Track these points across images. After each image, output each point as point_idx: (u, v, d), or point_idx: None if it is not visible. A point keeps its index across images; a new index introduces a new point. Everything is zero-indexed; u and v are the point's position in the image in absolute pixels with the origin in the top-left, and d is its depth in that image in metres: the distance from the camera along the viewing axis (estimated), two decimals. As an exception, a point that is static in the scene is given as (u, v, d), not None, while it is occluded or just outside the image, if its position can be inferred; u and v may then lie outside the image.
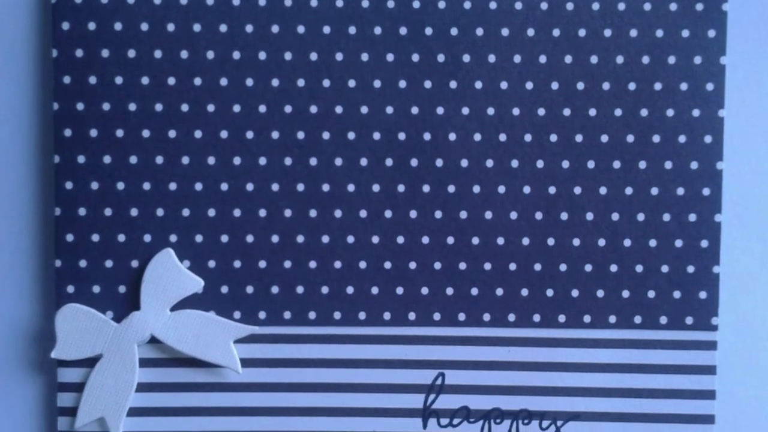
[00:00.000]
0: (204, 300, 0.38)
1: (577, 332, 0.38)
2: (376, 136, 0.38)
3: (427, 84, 0.37)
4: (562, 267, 0.38)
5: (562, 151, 0.38)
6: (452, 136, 0.38)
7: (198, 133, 0.37)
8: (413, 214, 0.38)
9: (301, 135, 0.38)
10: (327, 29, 0.37)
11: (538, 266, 0.38)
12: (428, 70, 0.37)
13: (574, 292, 0.38)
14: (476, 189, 0.38)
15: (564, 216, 0.38)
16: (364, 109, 0.38)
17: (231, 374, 0.38)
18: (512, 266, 0.38)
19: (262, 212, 0.38)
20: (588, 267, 0.38)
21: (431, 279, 0.38)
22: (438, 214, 0.38)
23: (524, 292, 0.38)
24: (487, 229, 0.38)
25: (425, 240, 0.38)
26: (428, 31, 0.37)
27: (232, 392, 0.38)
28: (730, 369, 0.39)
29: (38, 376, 0.39)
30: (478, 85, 0.37)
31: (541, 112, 0.38)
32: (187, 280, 0.37)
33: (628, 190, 0.38)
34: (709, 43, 0.37)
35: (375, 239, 0.38)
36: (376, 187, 0.38)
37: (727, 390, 0.39)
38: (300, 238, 0.38)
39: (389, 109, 0.38)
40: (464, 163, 0.38)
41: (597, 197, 0.38)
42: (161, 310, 0.37)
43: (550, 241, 0.38)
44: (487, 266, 0.38)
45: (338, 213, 0.38)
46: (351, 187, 0.38)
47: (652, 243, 0.38)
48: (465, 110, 0.37)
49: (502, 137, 0.38)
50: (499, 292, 0.38)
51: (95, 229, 0.38)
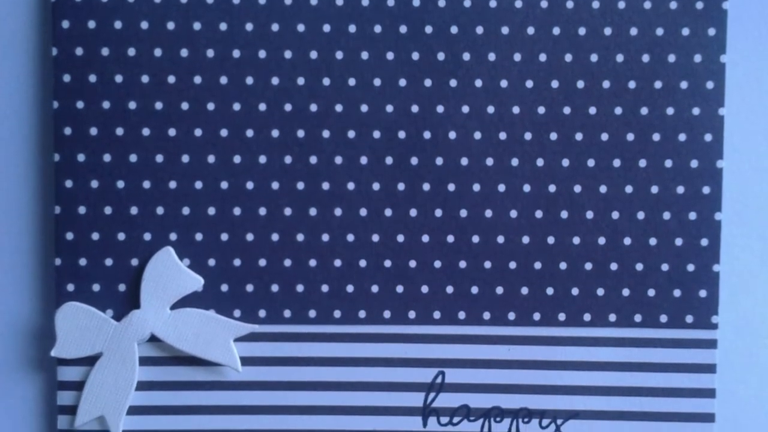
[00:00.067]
0: (204, 298, 0.38)
1: (577, 331, 0.38)
2: (376, 134, 0.38)
3: (427, 82, 0.37)
4: (562, 265, 0.38)
5: (562, 149, 0.38)
6: (452, 135, 0.38)
7: (198, 132, 0.37)
8: (413, 212, 0.38)
9: (301, 133, 0.38)
10: (327, 28, 0.37)
11: (538, 265, 0.38)
12: (428, 69, 0.37)
13: (574, 291, 0.38)
14: (476, 187, 0.38)
15: (564, 214, 0.38)
16: (364, 108, 0.38)
17: (231, 373, 0.38)
18: (512, 265, 0.38)
19: (262, 211, 0.38)
20: (588, 265, 0.38)
21: (431, 277, 0.38)
22: (438, 213, 0.38)
23: (524, 290, 0.38)
24: (487, 228, 0.38)
25: (425, 238, 0.38)
26: (428, 29, 0.37)
27: (232, 391, 0.38)
28: (730, 367, 0.39)
29: (38, 375, 0.39)
30: (478, 83, 0.37)
31: (541, 110, 0.38)
32: (187, 279, 0.37)
33: (628, 189, 0.38)
34: (709, 41, 0.37)
35: (375, 238, 0.38)
36: (376, 186, 0.38)
37: (727, 388, 0.39)
38: (300, 237, 0.38)
39: (389, 108, 0.38)
40: (464, 161, 0.38)
41: (597, 196, 0.38)
42: (161, 309, 0.37)
43: (550, 240, 0.38)
44: (487, 265, 0.38)
45: (338, 211, 0.38)
46: (351, 186, 0.38)
47: (652, 241, 0.38)
48: (465, 109, 0.37)
49: (502, 136, 0.38)
50: (499, 290, 0.38)
51: (95, 228, 0.38)
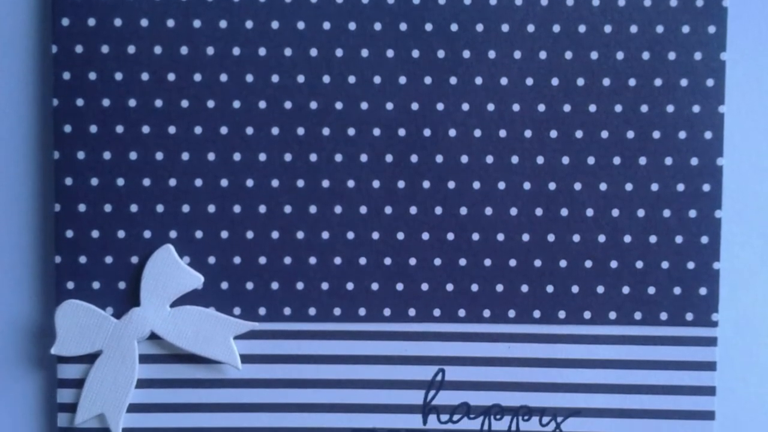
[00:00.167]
0: (204, 296, 0.38)
1: (577, 328, 0.38)
2: (376, 132, 0.38)
3: (427, 80, 0.37)
4: (562, 263, 0.38)
5: (562, 147, 0.38)
6: (452, 132, 0.38)
7: (198, 129, 0.37)
8: (413, 210, 0.38)
9: (301, 131, 0.38)
10: (327, 25, 0.37)
11: (538, 262, 0.38)
12: (428, 66, 0.37)
13: (574, 289, 0.38)
14: (476, 185, 0.38)
15: (564, 212, 0.38)
16: (364, 105, 0.37)
17: (231, 370, 0.38)
18: (512, 262, 0.38)
19: (262, 208, 0.38)
20: (588, 263, 0.38)
21: (431, 275, 0.38)
22: (438, 210, 0.38)
23: (524, 288, 0.38)
24: (487, 225, 0.38)
25: (425, 236, 0.38)
26: (428, 27, 0.37)
27: (232, 388, 0.38)
28: (730, 365, 0.39)
29: (38, 373, 0.39)
30: (478, 81, 0.37)
31: (541, 108, 0.38)
32: (187, 276, 0.37)
33: (628, 186, 0.38)
34: (710, 39, 0.37)
35: (375, 235, 0.38)
36: (376, 183, 0.38)
37: (727, 386, 0.39)
38: (300, 234, 0.38)
39: (389, 105, 0.38)
40: (464, 159, 0.38)
41: (597, 193, 0.38)
42: (161, 307, 0.37)
43: (550, 237, 0.38)
44: (487, 262, 0.38)
45: (338, 209, 0.38)
46: (351, 183, 0.38)
47: (652, 239, 0.38)
48: (465, 106, 0.37)
49: (502, 133, 0.38)
50: (499, 288, 0.38)
51: (95, 225, 0.38)
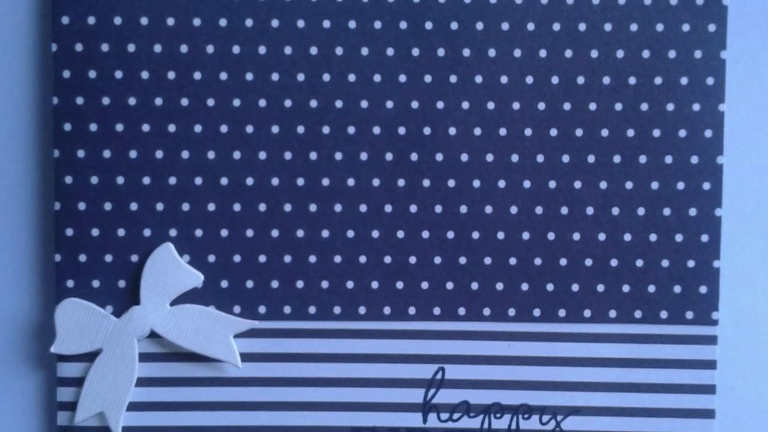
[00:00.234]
0: (204, 294, 0.38)
1: (577, 327, 0.38)
2: (376, 130, 0.38)
3: (427, 78, 0.37)
4: (563, 261, 0.38)
5: (562, 145, 0.38)
6: (452, 131, 0.38)
7: (198, 128, 0.37)
8: (413, 208, 0.38)
9: (301, 129, 0.38)
10: (327, 23, 0.37)
11: (538, 261, 0.38)
12: (428, 65, 0.37)
13: (575, 287, 0.38)
14: (476, 183, 0.38)
15: (564, 210, 0.38)
16: (364, 104, 0.37)
17: (231, 369, 0.38)
18: (512, 261, 0.38)
19: (262, 207, 0.38)
20: (588, 261, 0.38)
21: (431, 273, 0.38)
22: (438, 209, 0.38)
23: (524, 286, 0.38)
24: (487, 224, 0.38)
25: (425, 234, 0.38)
26: (428, 25, 0.37)
27: (232, 387, 0.38)
28: (730, 363, 0.39)
29: (38, 371, 0.39)
30: (478, 79, 0.37)
31: (542, 106, 0.38)
32: (187, 275, 0.37)
33: (629, 185, 0.38)
34: (710, 37, 0.37)
35: (375, 234, 0.38)
36: (376, 182, 0.38)
37: (728, 384, 0.39)
38: (300, 233, 0.38)
39: (389, 104, 0.37)
40: (464, 157, 0.38)
41: (597, 192, 0.38)
42: (161, 305, 0.37)
43: (551, 236, 0.38)
44: (487, 261, 0.38)
45: (338, 207, 0.38)
46: (351, 182, 0.38)
47: (653, 237, 0.38)
48: (465, 105, 0.37)
49: (502, 132, 0.38)
50: (500, 286, 0.38)
51: (95, 224, 0.38)
